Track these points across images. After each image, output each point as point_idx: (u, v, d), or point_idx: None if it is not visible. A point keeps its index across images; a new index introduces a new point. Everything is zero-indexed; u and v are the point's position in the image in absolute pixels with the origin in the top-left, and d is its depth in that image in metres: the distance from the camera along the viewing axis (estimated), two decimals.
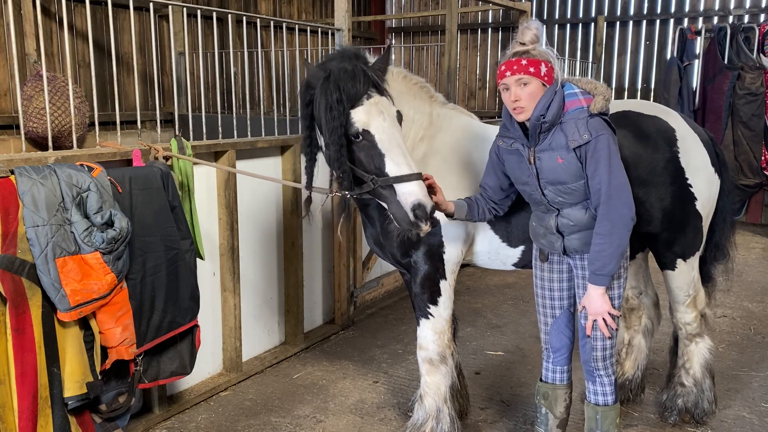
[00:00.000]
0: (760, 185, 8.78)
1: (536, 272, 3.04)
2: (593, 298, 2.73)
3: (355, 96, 2.73)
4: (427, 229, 2.70)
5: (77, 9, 7.41)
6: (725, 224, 3.67)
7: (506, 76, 2.66)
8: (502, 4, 7.44)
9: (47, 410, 2.73)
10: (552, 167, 2.70)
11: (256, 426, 3.82)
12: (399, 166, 2.70)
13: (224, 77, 8.48)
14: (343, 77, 2.73)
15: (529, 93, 2.64)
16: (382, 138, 2.73)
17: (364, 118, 2.72)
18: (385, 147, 2.72)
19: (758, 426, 3.81)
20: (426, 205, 2.66)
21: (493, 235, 3.31)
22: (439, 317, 3.32)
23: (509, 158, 2.88)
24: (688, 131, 3.46)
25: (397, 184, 2.69)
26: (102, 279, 2.74)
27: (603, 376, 2.90)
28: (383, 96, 2.81)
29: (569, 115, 2.66)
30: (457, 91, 8.76)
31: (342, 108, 2.71)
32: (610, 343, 2.84)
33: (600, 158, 2.61)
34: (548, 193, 2.77)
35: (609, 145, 2.62)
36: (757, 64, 8.56)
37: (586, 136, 2.61)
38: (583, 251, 2.79)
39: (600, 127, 2.63)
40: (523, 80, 2.63)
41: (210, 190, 4.10)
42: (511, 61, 2.65)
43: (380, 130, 2.73)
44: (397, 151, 2.72)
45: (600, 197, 2.63)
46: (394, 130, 2.76)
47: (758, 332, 5.26)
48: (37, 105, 5.73)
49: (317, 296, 5.21)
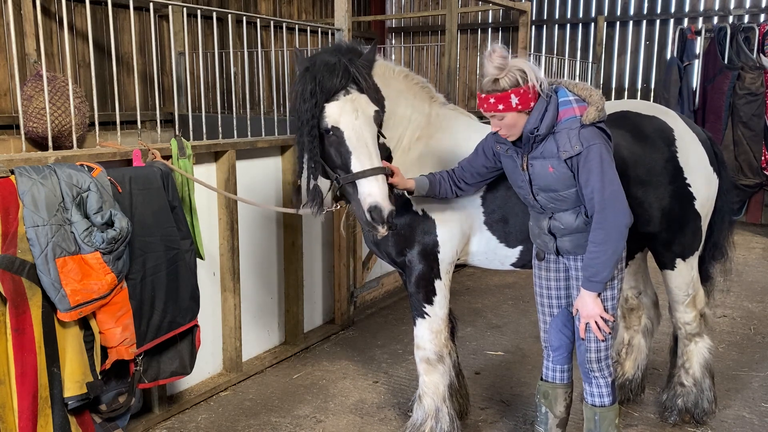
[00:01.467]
0: (760, 185, 8.78)
1: (535, 271, 3.05)
2: (586, 302, 2.75)
3: (331, 90, 2.71)
4: (384, 232, 2.70)
5: (77, 9, 7.40)
6: (724, 224, 3.68)
7: (483, 109, 2.68)
8: (502, 4, 7.44)
9: (47, 410, 2.73)
10: (543, 175, 2.71)
11: (256, 426, 3.82)
12: (362, 165, 2.70)
13: (224, 77, 8.48)
14: (322, 70, 2.72)
15: (506, 125, 2.66)
16: (350, 136, 2.72)
17: (335, 114, 2.72)
18: (353, 145, 2.72)
19: (758, 426, 3.81)
20: (383, 208, 2.66)
21: (490, 236, 3.31)
22: (435, 316, 3.32)
23: (506, 161, 2.91)
24: (686, 131, 3.47)
25: (359, 183, 2.70)
26: (102, 279, 2.74)
27: (599, 378, 2.90)
28: (363, 94, 2.77)
29: (562, 125, 2.65)
30: (457, 91, 8.77)
31: (315, 101, 2.70)
32: (604, 345, 2.85)
33: (592, 168, 2.60)
34: (540, 199, 2.80)
35: (601, 154, 2.60)
36: (757, 64, 8.56)
37: (577, 147, 2.60)
38: (575, 252, 2.81)
39: (592, 136, 2.61)
40: (497, 117, 2.65)
41: (210, 190, 4.09)
42: (481, 98, 2.65)
43: (350, 127, 2.72)
44: (364, 151, 2.72)
45: (594, 206, 2.64)
46: (364, 129, 2.74)
47: (758, 332, 5.26)
48: (37, 105, 5.72)
49: (317, 296, 5.21)
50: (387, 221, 2.68)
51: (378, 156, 2.75)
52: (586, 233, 2.75)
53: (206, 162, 4.05)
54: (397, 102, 3.19)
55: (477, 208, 3.27)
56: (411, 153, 3.24)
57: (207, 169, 4.05)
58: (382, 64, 3.17)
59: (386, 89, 3.11)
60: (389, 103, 3.12)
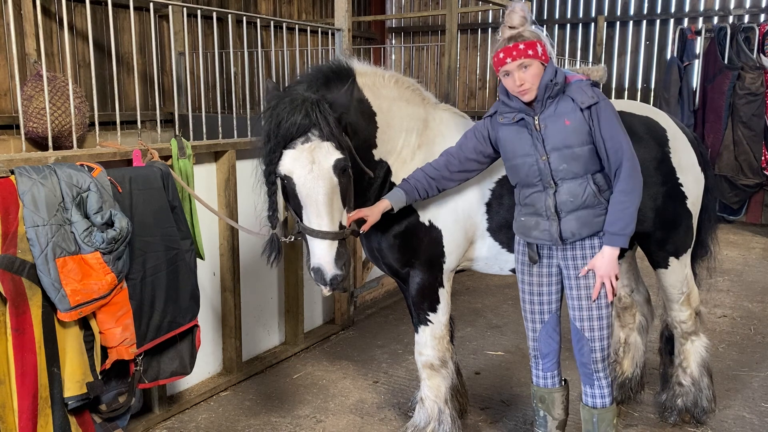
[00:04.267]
0: (760, 185, 8.78)
1: (523, 278, 2.99)
2: (607, 259, 2.72)
3: (287, 136, 2.57)
4: (327, 293, 2.67)
5: (77, 9, 7.41)
6: (709, 222, 3.73)
7: (507, 63, 2.69)
8: (502, 4, 7.44)
9: (47, 410, 2.73)
10: (559, 130, 2.71)
11: (256, 426, 3.82)
12: (310, 223, 2.62)
13: (224, 77, 8.48)
14: (282, 112, 2.56)
15: (532, 75, 2.69)
16: (301, 191, 2.61)
17: (289, 165, 2.59)
18: (303, 201, 2.62)
19: (758, 426, 3.81)
20: (326, 272, 2.61)
21: (492, 242, 3.29)
22: (438, 323, 3.31)
23: (507, 133, 2.85)
24: (677, 131, 3.51)
25: (308, 238, 2.65)
26: (102, 279, 2.74)
27: (602, 378, 2.89)
28: (325, 141, 2.59)
29: (573, 85, 2.76)
30: (457, 91, 8.76)
31: (271, 146, 2.58)
32: (607, 343, 2.85)
33: (612, 120, 2.70)
34: (553, 160, 2.73)
35: (613, 109, 2.73)
36: (757, 64, 8.57)
37: (594, 96, 2.70)
38: (580, 234, 2.75)
39: (602, 94, 2.75)
40: (525, 63, 2.68)
41: (210, 190, 4.10)
42: (508, 48, 2.68)
43: (301, 182, 2.59)
44: (312, 209, 2.60)
45: (621, 156, 2.68)
46: (317, 184, 2.57)
47: (758, 332, 5.27)
48: (37, 105, 5.73)
49: (317, 296, 5.21)
50: (330, 284, 2.63)
51: (328, 214, 2.61)
52: (592, 209, 2.73)
53: (206, 162, 4.05)
54: (390, 113, 3.11)
55: (482, 215, 3.25)
56: (413, 162, 3.18)
57: (207, 169, 4.05)
58: (371, 73, 3.09)
59: (378, 101, 3.05)
60: (383, 117, 3.07)
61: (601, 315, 2.82)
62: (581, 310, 2.83)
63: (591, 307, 2.82)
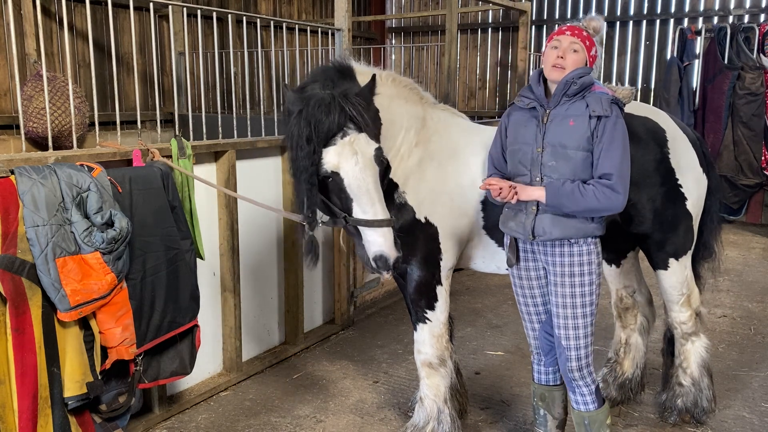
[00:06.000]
0: (760, 185, 8.78)
1: (515, 280, 3.02)
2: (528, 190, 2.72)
3: (328, 134, 2.60)
4: (388, 277, 2.71)
5: (77, 9, 7.41)
6: (713, 223, 3.71)
7: (565, 34, 2.79)
8: (502, 4, 7.45)
9: (47, 410, 2.73)
10: (561, 128, 2.74)
11: (256, 426, 3.82)
12: (365, 213, 2.64)
13: (224, 77, 8.48)
14: (317, 112, 2.59)
15: (573, 59, 2.76)
16: (350, 183, 2.64)
17: (334, 161, 2.62)
18: (354, 193, 2.65)
19: (758, 426, 3.81)
20: (388, 257, 2.63)
21: (489, 240, 3.30)
22: (437, 321, 3.31)
23: (517, 117, 2.90)
24: (677, 132, 3.50)
25: (364, 230, 2.66)
26: (102, 279, 2.74)
27: (582, 386, 2.89)
28: (361, 132, 2.66)
29: (596, 93, 2.76)
30: (457, 91, 8.77)
31: (312, 148, 2.59)
32: (584, 353, 2.84)
33: (616, 138, 2.69)
34: (545, 154, 2.75)
35: (625, 131, 2.73)
36: (757, 64, 8.57)
37: (608, 110, 2.70)
38: (551, 233, 2.75)
39: (620, 113, 2.75)
40: (576, 46, 2.77)
41: (210, 190, 4.10)
42: (574, 27, 2.81)
43: (350, 174, 2.63)
44: (365, 199, 2.64)
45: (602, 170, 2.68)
46: (366, 174, 2.64)
47: (758, 332, 5.26)
48: (37, 105, 5.73)
49: (317, 296, 5.21)
50: (393, 268, 2.66)
51: (380, 201, 2.67)
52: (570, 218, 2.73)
53: (206, 162, 4.05)
54: (390, 110, 3.13)
55: (478, 213, 3.27)
56: (411, 159, 3.20)
57: (207, 169, 4.05)
58: (368, 72, 3.08)
59: (378, 98, 3.05)
60: (384, 114, 3.08)
61: (577, 324, 2.81)
62: (559, 318, 2.85)
63: (567, 316, 2.82)
